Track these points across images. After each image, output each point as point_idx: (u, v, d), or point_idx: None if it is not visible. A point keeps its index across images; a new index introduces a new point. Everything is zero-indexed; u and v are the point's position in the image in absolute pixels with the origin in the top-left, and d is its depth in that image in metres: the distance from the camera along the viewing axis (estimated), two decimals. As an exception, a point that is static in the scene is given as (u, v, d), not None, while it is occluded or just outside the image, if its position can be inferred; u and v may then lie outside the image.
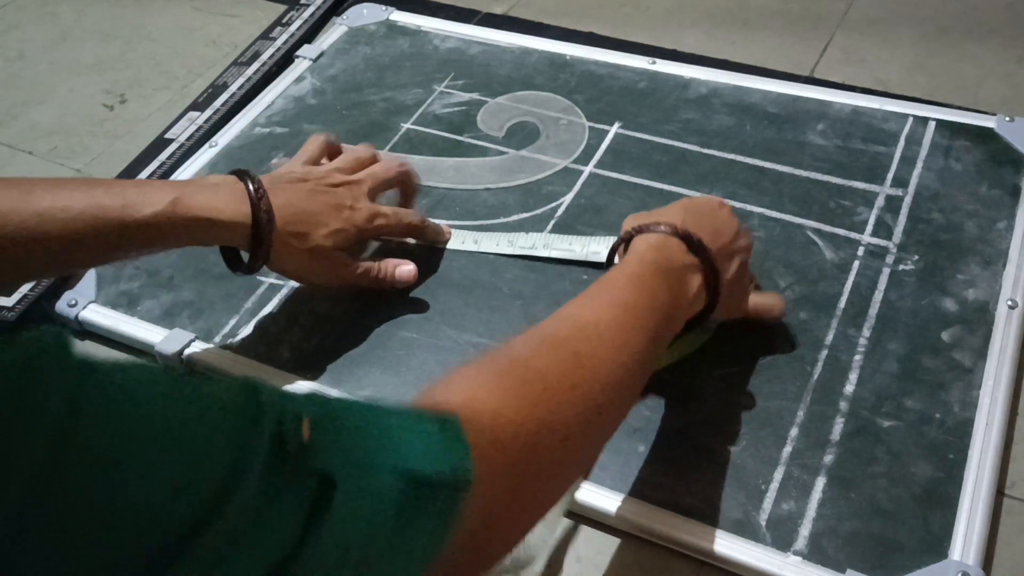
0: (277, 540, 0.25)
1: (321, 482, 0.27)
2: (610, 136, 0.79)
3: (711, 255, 0.51)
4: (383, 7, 0.96)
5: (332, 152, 0.68)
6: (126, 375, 0.24)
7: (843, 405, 0.58)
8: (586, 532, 0.56)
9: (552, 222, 0.72)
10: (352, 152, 0.67)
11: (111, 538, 0.22)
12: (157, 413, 0.23)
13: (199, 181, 0.59)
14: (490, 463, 0.31)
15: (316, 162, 0.66)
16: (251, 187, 0.57)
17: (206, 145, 0.83)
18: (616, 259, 0.55)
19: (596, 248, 0.68)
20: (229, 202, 0.56)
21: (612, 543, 0.55)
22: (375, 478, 0.28)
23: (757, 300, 0.60)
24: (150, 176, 0.80)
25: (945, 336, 0.62)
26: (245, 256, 0.60)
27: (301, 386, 0.62)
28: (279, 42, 0.95)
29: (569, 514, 0.56)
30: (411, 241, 0.70)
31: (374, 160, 0.67)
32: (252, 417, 0.26)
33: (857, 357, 0.61)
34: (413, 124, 0.83)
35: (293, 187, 0.60)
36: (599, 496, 0.55)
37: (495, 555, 0.35)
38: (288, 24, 0.97)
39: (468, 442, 0.30)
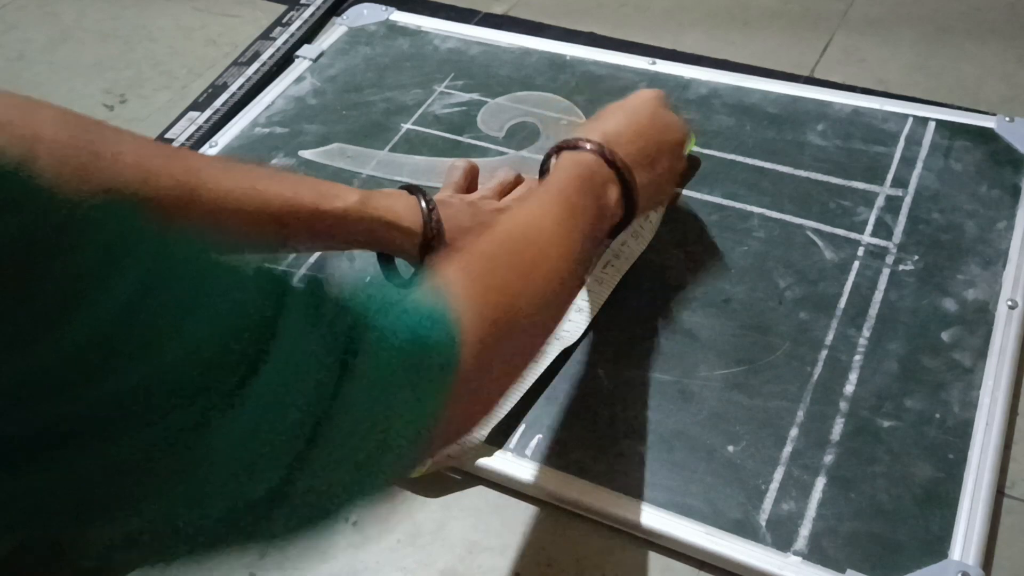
0: (314, 390, 0.30)
1: (348, 338, 0.32)
2: (610, 136, 0.78)
3: (627, 173, 0.56)
4: (383, 7, 0.96)
5: (474, 175, 0.69)
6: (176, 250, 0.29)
7: (843, 405, 0.59)
8: (586, 532, 0.56)
9: (552, 222, 0.72)
10: (496, 177, 0.69)
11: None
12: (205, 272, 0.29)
13: (375, 190, 0.61)
14: (470, 335, 0.39)
15: (463, 190, 0.67)
16: (423, 200, 0.60)
17: (206, 145, 0.83)
18: (551, 164, 0.58)
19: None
20: (407, 209, 0.60)
21: (612, 543, 0.55)
22: (388, 340, 0.34)
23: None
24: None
25: (945, 336, 0.62)
26: (403, 271, 0.64)
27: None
28: (279, 42, 0.95)
29: (570, 512, 0.56)
30: None
31: (519, 181, 0.69)
32: (279, 278, 0.31)
33: (857, 357, 0.61)
34: (413, 124, 0.83)
35: (456, 205, 0.64)
36: (599, 496, 0.55)
37: (485, 399, 0.43)
38: (288, 24, 0.97)
39: (453, 317, 0.38)
